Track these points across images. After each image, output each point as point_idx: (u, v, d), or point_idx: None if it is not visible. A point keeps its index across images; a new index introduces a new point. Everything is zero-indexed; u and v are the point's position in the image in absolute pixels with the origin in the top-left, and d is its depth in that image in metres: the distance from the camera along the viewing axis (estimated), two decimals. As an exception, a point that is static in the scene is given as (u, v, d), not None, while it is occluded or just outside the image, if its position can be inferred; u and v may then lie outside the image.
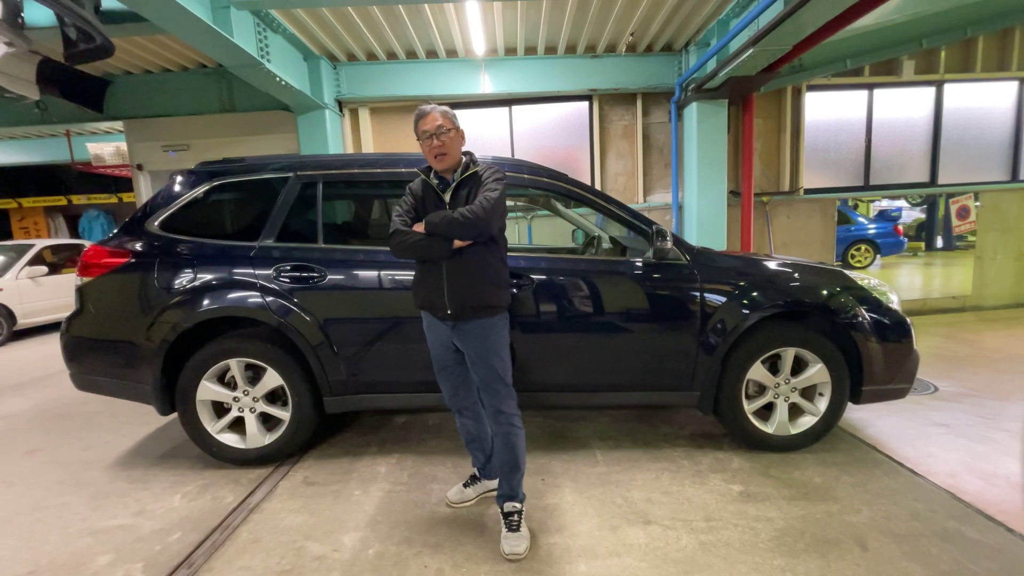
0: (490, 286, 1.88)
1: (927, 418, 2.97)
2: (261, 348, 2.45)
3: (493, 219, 1.80)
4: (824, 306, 2.48)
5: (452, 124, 1.85)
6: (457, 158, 1.89)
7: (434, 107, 1.87)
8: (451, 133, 1.84)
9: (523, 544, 1.85)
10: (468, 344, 1.91)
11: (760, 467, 2.44)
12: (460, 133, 1.89)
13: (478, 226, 1.78)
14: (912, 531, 1.92)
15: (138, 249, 2.49)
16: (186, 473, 2.51)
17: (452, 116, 1.87)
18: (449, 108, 1.89)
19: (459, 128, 1.88)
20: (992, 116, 5.70)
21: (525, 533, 1.90)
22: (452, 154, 1.86)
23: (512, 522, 1.91)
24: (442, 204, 1.87)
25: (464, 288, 1.86)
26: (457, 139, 1.87)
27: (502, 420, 1.92)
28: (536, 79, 5.24)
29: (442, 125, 1.83)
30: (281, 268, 2.44)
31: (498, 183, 1.85)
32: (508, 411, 1.93)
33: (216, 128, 5.32)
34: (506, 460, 1.95)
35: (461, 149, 1.91)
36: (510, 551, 1.82)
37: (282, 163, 2.64)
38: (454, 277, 1.86)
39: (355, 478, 2.42)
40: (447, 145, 1.84)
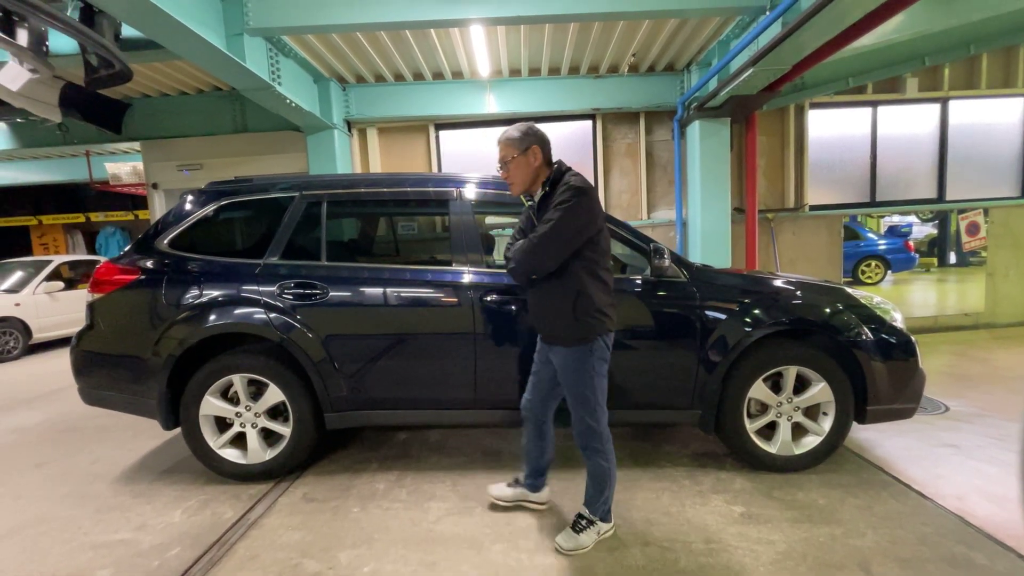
0: (558, 316, 1.85)
1: (937, 438, 2.90)
2: (264, 364, 2.49)
3: (536, 258, 1.79)
4: (826, 324, 2.47)
5: (514, 152, 1.86)
6: (527, 182, 1.90)
7: (503, 133, 1.91)
8: (512, 162, 1.87)
9: (570, 543, 1.92)
10: (556, 367, 1.95)
11: (763, 488, 2.40)
12: (529, 154, 1.86)
13: (520, 269, 1.84)
14: (918, 556, 1.87)
15: (147, 266, 2.56)
16: (188, 488, 2.53)
17: (514, 142, 1.86)
18: (521, 128, 1.87)
19: (527, 150, 1.85)
20: (999, 132, 5.68)
21: (581, 538, 1.93)
22: (518, 181, 1.90)
23: (577, 523, 1.98)
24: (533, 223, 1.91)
25: (536, 317, 1.96)
26: (523, 165, 1.87)
27: (586, 453, 1.95)
28: (540, 99, 5.33)
29: (503, 157, 1.91)
30: (285, 285, 2.49)
31: (559, 208, 1.75)
32: (591, 444, 1.92)
33: (229, 148, 5.48)
34: (589, 484, 1.99)
35: (533, 171, 1.88)
36: (557, 540, 1.95)
37: (288, 183, 2.71)
38: (531, 305, 1.97)
39: (354, 495, 2.42)
40: (511, 175, 1.91)
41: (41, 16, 2.67)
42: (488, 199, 2.69)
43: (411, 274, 2.54)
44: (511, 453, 2.84)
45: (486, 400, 2.52)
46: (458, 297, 2.46)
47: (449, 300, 2.47)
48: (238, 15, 3.43)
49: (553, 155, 1.96)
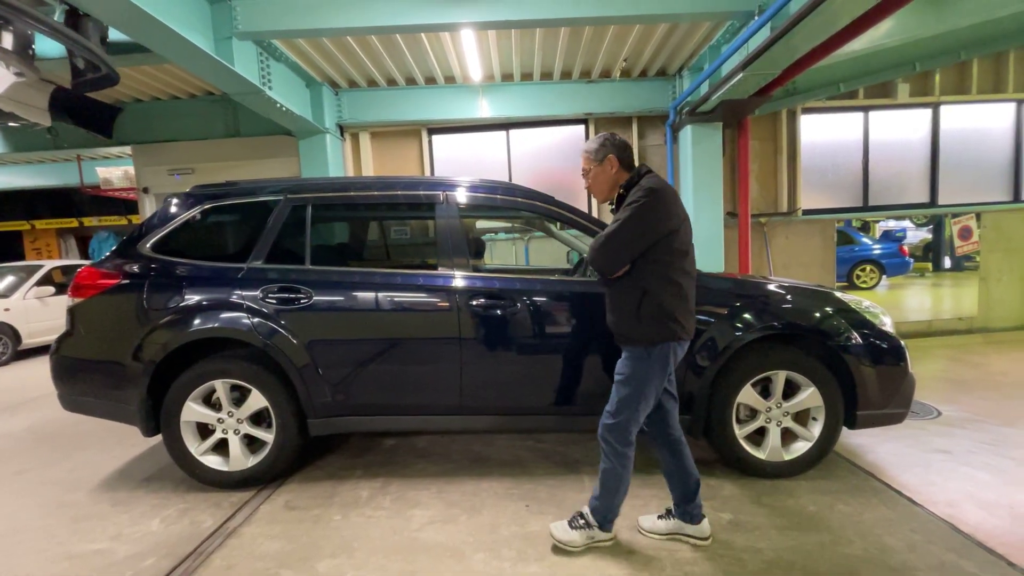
0: (623, 316, 1.85)
1: (929, 444, 2.88)
2: (247, 369, 2.45)
3: (601, 256, 1.83)
4: (815, 328, 2.44)
5: (592, 163, 1.93)
6: (607, 190, 1.95)
7: (583, 147, 1.96)
8: (591, 173, 1.95)
9: (561, 534, 1.93)
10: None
11: (752, 495, 2.36)
12: (606, 164, 1.91)
13: (593, 266, 1.90)
14: (907, 564, 1.84)
15: (129, 270, 2.53)
16: (168, 496, 2.49)
17: (591, 153, 1.93)
18: (598, 139, 1.93)
19: (604, 160, 1.90)
20: (990, 137, 5.70)
21: (573, 535, 1.93)
22: (599, 191, 1.97)
23: (575, 520, 1.97)
24: None
25: (608, 317, 1.96)
26: (600, 174, 1.93)
27: (604, 449, 1.93)
28: (533, 104, 5.34)
29: (584, 168, 1.98)
30: (268, 289, 2.46)
31: (628, 207, 1.78)
32: (611, 442, 1.90)
33: (221, 152, 5.46)
34: (598, 484, 1.96)
35: (611, 179, 1.92)
36: (551, 525, 1.99)
37: (274, 186, 2.69)
38: (606, 305, 1.97)
39: (337, 502, 2.38)
40: (592, 186, 1.98)
41: (26, 20, 2.66)
42: (476, 203, 2.67)
43: (397, 278, 2.52)
44: (499, 459, 2.81)
45: (472, 406, 2.49)
46: (444, 301, 2.43)
47: (434, 304, 2.44)
48: (227, 19, 3.42)
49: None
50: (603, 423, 1.92)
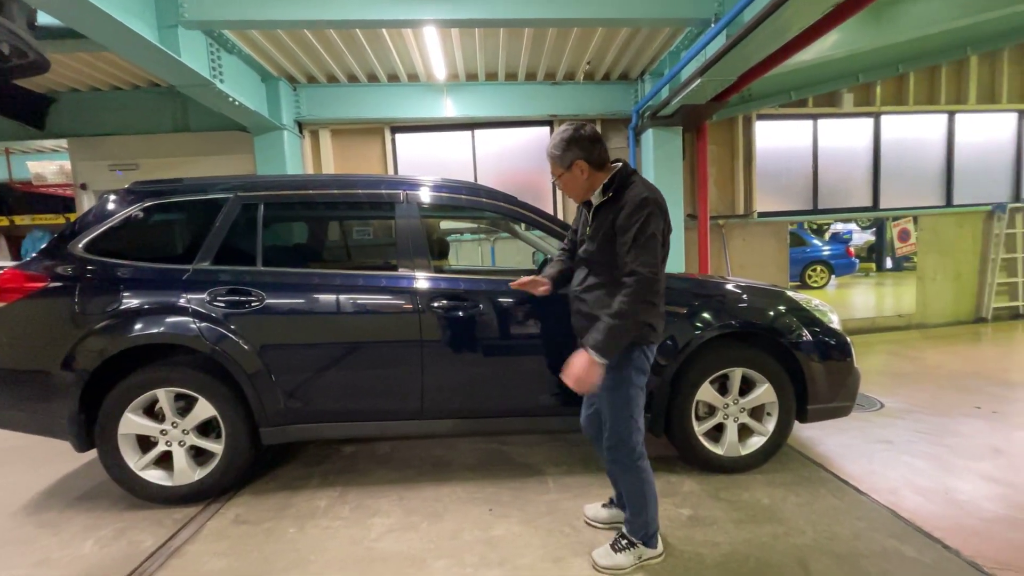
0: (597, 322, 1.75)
1: (872, 435, 3.03)
2: (192, 377, 2.31)
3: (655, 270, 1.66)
4: (769, 327, 2.53)
5: (559, 169, 1.78)
6: (583, 194, 1.81)
7: (547, 148, 1.79)
8: (562, 179, 1.80)
9: (606, 560, 1.84)
10: None
11: (711, 489, 2.42)
12: (575, 169, 1.74)
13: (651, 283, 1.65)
14: (854, 551, 1.92)
15: (59, 272, 2.33)
16: (103, 515, 2.31)
17: (556, 159, 1.76)
18: (560, 144, 1.73)
19: (571, 166, 1.74)
20: (926, 146, 6.10)
21: (619, 559, 1.83)
22: (574, 192, 1.83)
23: (617, 543, 1.88)
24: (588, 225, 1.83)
25: (578, 323, 1.90)
26: (571, 180, 1.78)
27: (617, 468, 1.88)
28: (497, 104, 5.32)
29: (552, 172, 1.83)
30: (216, 292, 2.33)
31: (636, 224, 1.63)
32: (620, 459, 1.84)
33: (168, 148, 5.16)
34: (627, 503, 1.90)
35: (584, 183, 1.77)
36: (593, 556, 1.88)
37: (223, 184, 2.55)
38: (574, 311, 1.91)
39: (291, 514, 2.27)
40: (566, 188, 1.83)
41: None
42: (439, 203, 2.62)
43: (356, 280, 2.44)
44: (462, 463, 2.76)
45: (434, 410, 2.44)
46: (405, 303, 2.37)
47: (395, 306, 2.38)
48: (172, 6, 3.23)
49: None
50: (607, 447, 1.85)
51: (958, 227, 6.15)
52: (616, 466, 1.85)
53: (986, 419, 3.20)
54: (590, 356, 1.65)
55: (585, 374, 1.66)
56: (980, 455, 2.71)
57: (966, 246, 6.18)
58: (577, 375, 1.67)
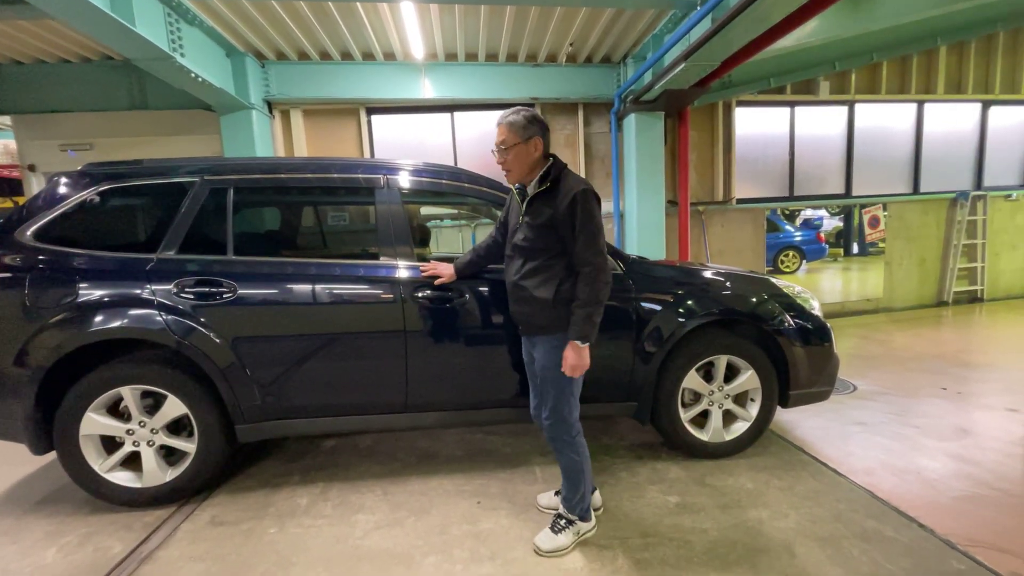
0: (538, 306, 1.82)
1: (847, 417, 3.12)
2: (159, 373, 2.18)
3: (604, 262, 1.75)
4: (753, 314, 2.54)
5: (515, 138, 1.77)
6: (523, 173, 1.82)
7: (505, 116, 1.79)
8: (513, 150, 1.78)
9: (548, 543, 1.87)
10: (537, 357, 1.93)
11: (697, 476, 2.44)
12: (531, 144, 1.78)
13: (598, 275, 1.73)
14: (835, 533, 1.97)
15: (6, 262, 2.14)
16: (67, 520, 2.18)
17: (516, 128, 1.76)
18: (526, 115, 1.77)
19: (529, 140, 1.77)
20: (896, 135, 6.25)
21: (560, 539, 1.89)
22: (516, 171, 1.82)
23: (555, 524, 1.94)
24: (520, 213, 1.85)
25: (518, 309, 1.93)
26: (522, 154, 1.78)
27: (556, 446, 1.93)
28: (478, 85, 5.16)
29: (504, 140, 1.79)
30: (184, 283, 2.18)
31: (582, 211, 1.71)
32: (561, 436, 1.91)
33: (125, 127, 4.83)
34: (564, 481, 1.96)
35: (531, 162, 1.80)
36: (535, 542, 1.90)
37: (188, 166, 2.38)
38: (513, 298, 1.94)
39: (271, 513, 2.19)
40: (509, 163, 1.81)
41: None
42: (420, 188, 2.51)
43: (334, 269, 2.33)
44: (448, 455, 2.72)
45: (419, 403, 2.37)
46: (386, 293, 2.28)
47: (375, 297, 2.28)
48: (123, -30, 2.96)
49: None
50: (546, 423, 1.91)
51: (923, 214, 6.36)
52: (556, 443, 1.91)
53: (951, 400, 3.34)
54: (577, 345, 1.75)
55: (580, 360, 1.77)
56: (947, 435, 2.82)
57: (930, 232, 6.41)
58: (573, 364, 1.77)
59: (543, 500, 2.19)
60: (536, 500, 2.21)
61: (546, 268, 1.80)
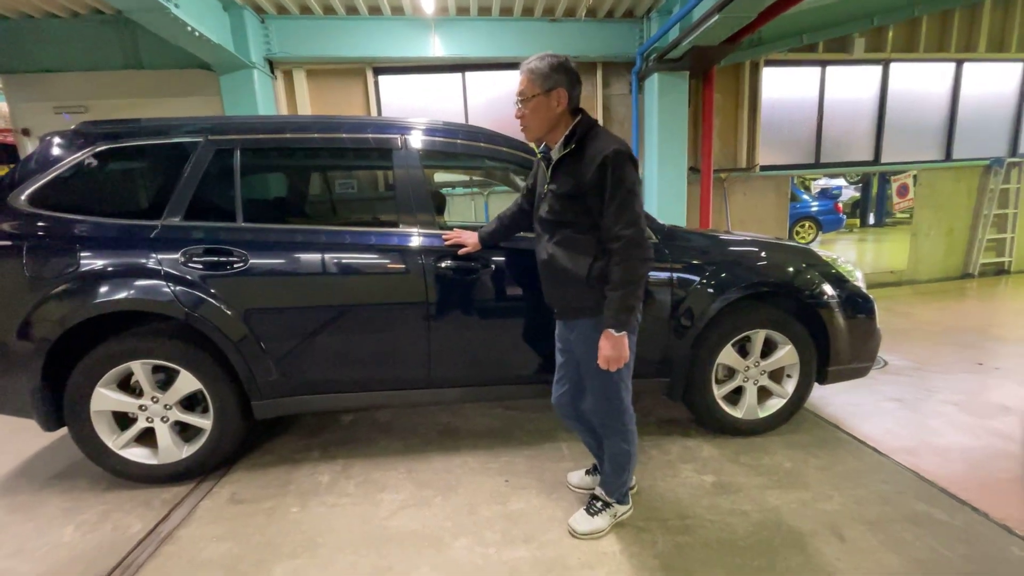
0: (574, 286, 1.63)
1: (881, 393, 3.01)
2: (170, 347, 2.07)
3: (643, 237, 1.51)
4: (794, 285, 2.39)
5: (535, 88, 1.51)
6: (543, 129, 1.57)
7: (528, 61, 1.53)
8: (531, 102, 1.52)
9: (585, 525, 1.79)
10: (576, 342, 1.75)
11: (730, 454, 2.35)
12: (553, 97, 1.51)
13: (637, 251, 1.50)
14: (884, 516, 1.88)
15: (1, 229, 2.00)
16: (83, 496, 2.11)
17: (537, 76, 1.50)
18: (550, 61, 1.50)
19: (551, 91, 1.51)
20: (931, 97, 5.90)
21: (596, 521, 1.80)
22: (533, 127, 1.58)
23: (592, 506, 1.84)
24: (545, 181, 1.64)
25: (551, 292, 1.77)
26: (543, 108, 1.53)
27: (605, 432, 1.80)
28: (491, 43, 4.85)
29: (523, 91, 1.54)
30: (192, 252, 2.04)
31: (617, 179, 1.46)
32: (612, 424, 1.77)
33: (120, 87, 4.58)
34: (608, 465, 1.84)
35: (553, 118, 1.54)
36: (571, 524, 1.82)
37: (190, 125, 2.20)
38: (545, 279, 1.78)
39: (292, 491, 2.12)
40: (527, 117, 1.56)
41: None
42: (442, 150, 2.33)
43: (351, 237, 2.17)
44: (470, 431, 2.63)
45: (442, 378, 2.26)
46: (407, 263, 2.13)
47: (396, 267, 2.14)
48: (109, -93, 2.69)
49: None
50: (594, 412, 1.77)
51: (955, 182, 6.09)
52: (604, 430, 1.77)
53: (988, 375, 3.22)
54: (611, 334, 1.55)
55: (616, 351, 1.56)
56: (988, 412, 2.71)
57: (960, 201, 6.15)
58: (608, 356, 1.57)
59: (574, 479, 2.10)
60: (567, 479, 2.12)
61: (576, 243, 1.59)
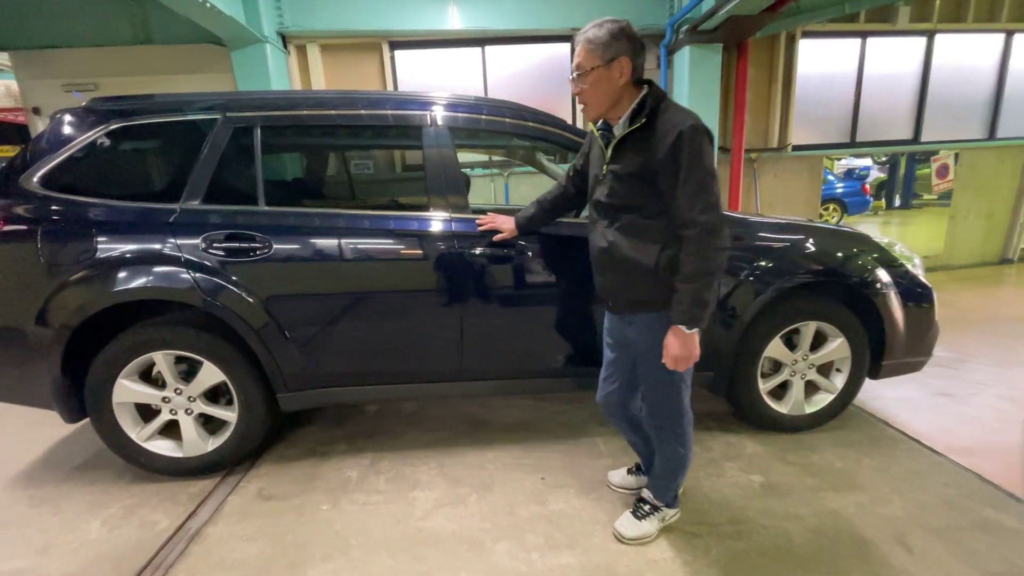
0: (638, 277, 1.48)
1: (929, 387, 2.86)
2: (193, 337, 1.97)
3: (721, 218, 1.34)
4: (849, 273, 2.23)
5: (594, 59, 1.35)
6: (605, 105, 1.41)
7: (583, 31, 1.37)
8: (591, 75, 1.36)
9: (632, 530, 1.70)
10: (634, 339, 1.61)
11: (776, 452, 2.23)
12: (614, 67, 1.35)
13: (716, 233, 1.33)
14: (951, 524, 1.75)
15: (16, 213, 1.90)
16: (108, 489, 2.06)
17: (596, 46, 1.34)
18: (609, 28, 1.34)
19: (612, 61, 1.34)
20: (977, 71, 5.55)
21: (644, 525, 1.70)
22: (594, 104, 1.41)
23: (639, 509, 1.75)
24: (604, 161, 1.47)
25: (608, 282, 1.60)
26: (603, 81, 1.36)
27: (661, 435, 1.67)
28: (511, 15, 4.61)
29: (580, 64, 1.37)
30: (212, 237, 1.93)
31: (692, 155, 1.29)
32: (669, 427, 1.64)
33: (130, 64, 4.43)
34: (659, 468, 1.72)
35: (615, 92, 1.38)
36: (617, 528, 1.72)
37: (207, 102, 2.06)
38: (601, 268, 1.61)
39: (321, 487, 2.04)
40: (585, 93, 1.40)
41: None
42: (476, 127, 2.17)
43: (378, 222, 2.05)
44: (500, 423, 2.54)
45: (474, 370, 2.15)
46: (439, 249, 2.00)
47: (426, 253, 2.01)
48: None
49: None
50: (651, 414, 1.64)
51: (998, 162, 5.77)
52: (660, 432, 1.64)
53: (1044, 369, 3.05)
54: (682, 331, 1.39)
55: (685, 350, 1.41)
56: (1050, 410, 2.55)
57: (1003, 183, 5.84)
58: (677, 355, 1.42)
59: (615, 479, 2.00)
60: (607, 478, 2.02)
61: (642, 230, 1.43)
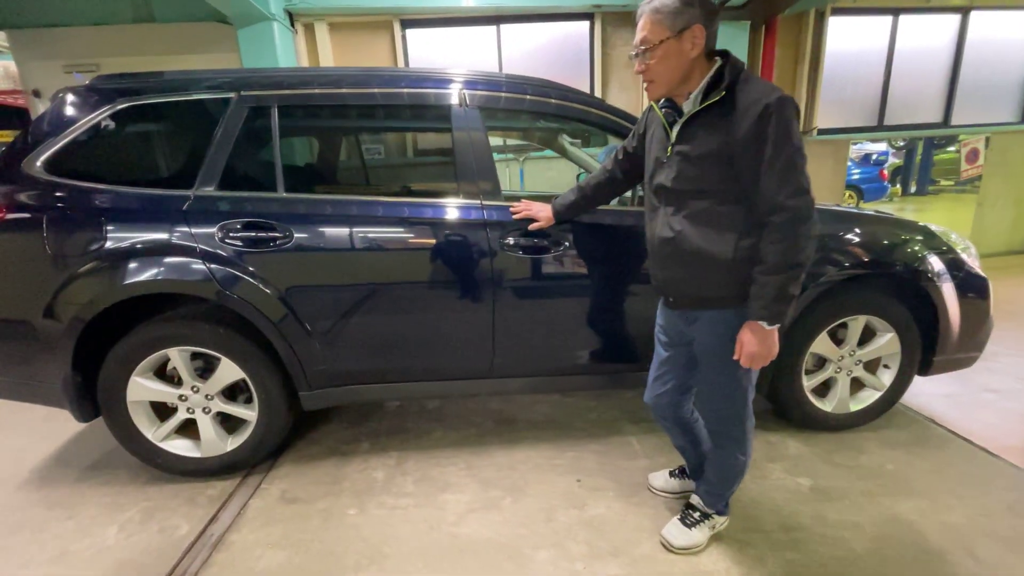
0: (709, 268, 1.34)
1: (973, 383, 2.74)
2: (210, 333, 1.86)
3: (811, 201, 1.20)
4: (904, 265, 2.09)
5: (665, 31, 1.20)
6: (674, 82, 1.27)
7: (647, 3, 1.23)
8: (659, 49, 1.22)
9: (681, 539, 1.60)
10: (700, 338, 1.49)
11: (821, 452, 2.12)
12: (686, 38, 1.20)
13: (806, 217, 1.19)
14: (1019, 532, 1.65)
15: (17, 200, 1.77)
16: (124, 490, 1.97)
17: (665, 15, 1.19)
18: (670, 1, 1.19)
19: (684, 31, 1.19)
20: (1012, 51, 5.32)
21: (694, 534, 1.60)
22: (662, 81, 1.27)
23: (688, 516, 1.65)
24: (669, 142, 1.32)
25: (673, 273, 1.46)
26: (674, 54, 1.22)
27: (720, 440, 1.57)
28: (529, -9, 4.40)
29: (645, 38, 1.23)
30: (229, 226, 1.80)
31: (780, 132, 1.15)
32: (730, 432, 1.54)
33: (131, 43, 4.26)
34: (712, 474, 1.62)
35: (687, 65, 1.24)
36: (665, 536, 1.63)
37: (218, 79, 1.92)
38: (662, 257, 1.47)
39: (347, 489, 1.95)
40: (652, 70, 1.26)
41: None
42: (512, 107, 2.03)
43: (410, 210, 1.92)
44: (528, 420, 2.44)
45: (506, 367, 2.04)
46: (469, 238, 1.87)
47: (457, 243, 1.88)
48: None
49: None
50: (713, 419, 1.54)
51: (1031, 147, 5.56)
52: (719, 438, 1.54)
53: (1091, 364, 2.92)
54: (761, 327, 1.27)
55: (765, 348, 1.29)
56: (1104, 408, 2.43)
57: (1034, 169, 5.64)
58: (755, 353, 1.30)
59: (656, 482, 1.90)
60: (648, 481, 1.92)
61: (717, 217, 1.28)
